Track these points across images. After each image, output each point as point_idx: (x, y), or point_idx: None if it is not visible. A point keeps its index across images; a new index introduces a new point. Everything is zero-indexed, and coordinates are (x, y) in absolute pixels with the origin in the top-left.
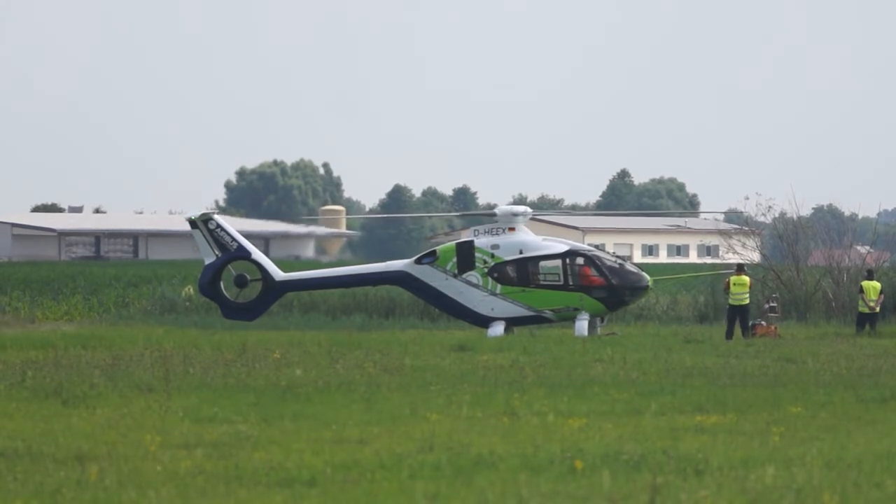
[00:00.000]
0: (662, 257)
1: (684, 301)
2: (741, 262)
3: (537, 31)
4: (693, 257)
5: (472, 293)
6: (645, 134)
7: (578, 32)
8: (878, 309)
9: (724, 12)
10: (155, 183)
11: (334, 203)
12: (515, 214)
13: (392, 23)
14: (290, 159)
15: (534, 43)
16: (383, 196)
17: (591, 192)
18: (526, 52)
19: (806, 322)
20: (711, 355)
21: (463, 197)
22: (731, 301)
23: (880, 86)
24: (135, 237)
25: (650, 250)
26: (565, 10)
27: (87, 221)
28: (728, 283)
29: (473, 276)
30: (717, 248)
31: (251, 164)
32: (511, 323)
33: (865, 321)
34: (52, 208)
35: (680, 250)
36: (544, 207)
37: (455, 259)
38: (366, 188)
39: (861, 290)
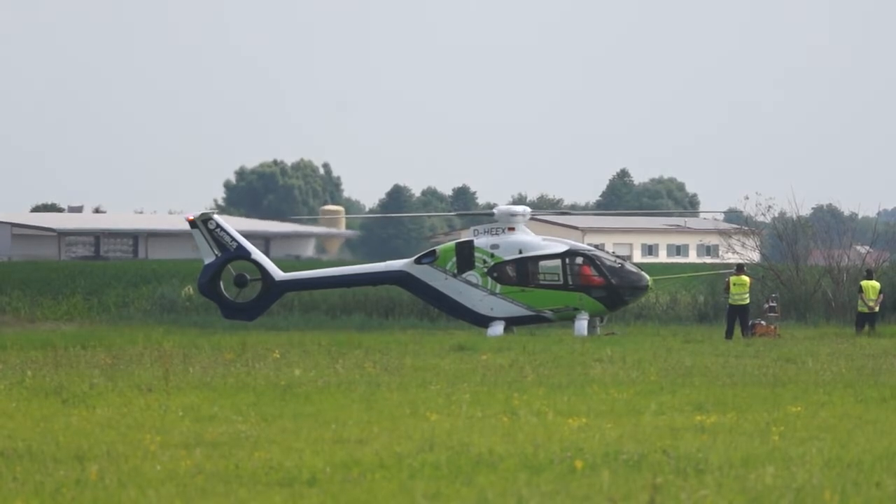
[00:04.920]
0: (662, 257)
1: (684, 301)
2: (741, 261)
3: (538, 31)
4: (693, 257)
5: (472, 293)
6: (645, 134)
7: (579, 32)
8: (877, 308)
9: (724, 13)
10: (155, 183)
11: (334, 203)
12: (515, 214)
13: (392, 22)
14: (290, 159)
15: (534, 43)
16: (383, 196)
17: (591, 192)
18: (526, 52)
19: (805, 322)
20: (711, 355)
21: (462, 197)
22: (731, 301)
23: (880, 85)
24: (135, 237)
25: (650, 250)
26: (566, 10)
27: (86, 221)
28: (728, 282)
29: (473, 275)
30: (716, 247)
31: (251, 163)
32: (511, 323)
33: (865, 321)
34: (52, 208)
35: (680, 250)
36: (544, 207)
37: (455, 259)
38: (365, 188)
39: (860, 290)
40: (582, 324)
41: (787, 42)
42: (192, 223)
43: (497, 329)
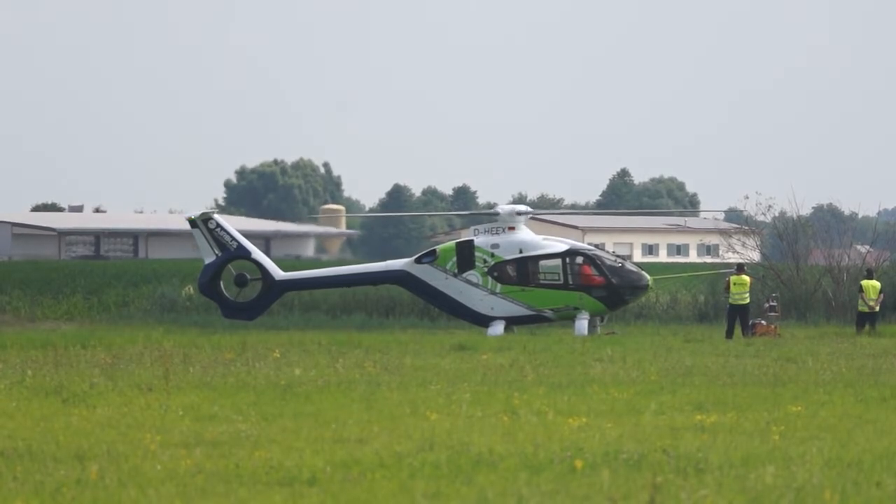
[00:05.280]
0: (662, 256)
1: (684, 300)
2: (741, 261)
3: (538, 30)
4: (693, 256)
5: (472, 292)
6: (645, 134)
7: (579, 32)
8: (877, 308)
9: (724, 12)
10: (155, 182)
11: (334, 202)
12: (515, 213)
13: (392, 22)
14: (290, 159)
15: (534, 43)
16: (383, 195)
17: (591, 192)
18: (526, 52)
19: (806, 321)
20: (711, 354)
21: (463, 196)
22: (731, 300)
23: (881, 85)
24: (135, 236)
25: (650, 250)
26: (566, 10)
27: (87, 220)
28: (728, 282)
29: (473, 275)
30: (717, 247)
31: (251, 163)
32: (511, 322)
33: (865, 320)
34: (53, 207)
35: (680, 250)
36: (544, 207)
37: (455, 258)
38: (366, 188)
39: (861, 290)
40: (582, 323)
41: (787, 42)
42: (193, 223)
43: (497, 328)
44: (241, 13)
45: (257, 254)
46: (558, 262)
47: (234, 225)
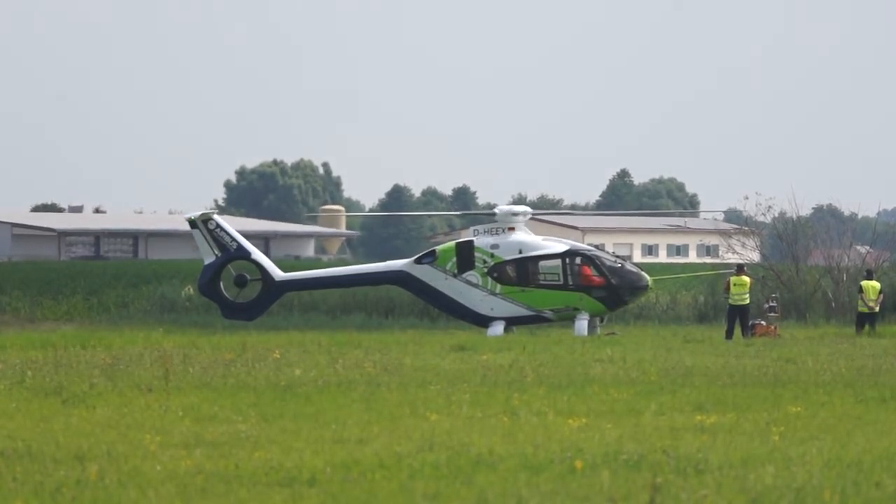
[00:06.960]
0: (662, 257)
1: (684, 301)
2: (741, 262)
3: (536, 30)
4: (693, 257)
5: (472, 293)
6: (645, 133)
7: (578, 32)
8: (877, 309)
9: (724, 15)
10: (155, 182)
11: (334, 203)
12: (515, 214)
13: (392, 23)
14: (290, 159)
15: (533, 42)
16: (383, 196)
17: (591, 192)
18: (526, 52)
19: (805, 322)
20: (711, 355)
21: (463, 196)
22: (731, 301)
23: (881, 85)
24: (135, 237)
25: (650, 250)
26: (566, 11)
27: (86, 221)
28: (728, 283)
29: (473, 275)
30: (716, 247)
31: (251, 163)
32: (511, 322)
33: (865, 321)
34: (52, 208)
35: (680, 250)
36: (544, 207)
37: (455, 259)
38: (365, 188)
39: (860, 290)
40: (582, 324)
41: (788, 42)
42: (192, 223)
43: (497, 329)
44: (241, 13)
45: (257, 254)
46: (558, 262)
47: (233, 225)
